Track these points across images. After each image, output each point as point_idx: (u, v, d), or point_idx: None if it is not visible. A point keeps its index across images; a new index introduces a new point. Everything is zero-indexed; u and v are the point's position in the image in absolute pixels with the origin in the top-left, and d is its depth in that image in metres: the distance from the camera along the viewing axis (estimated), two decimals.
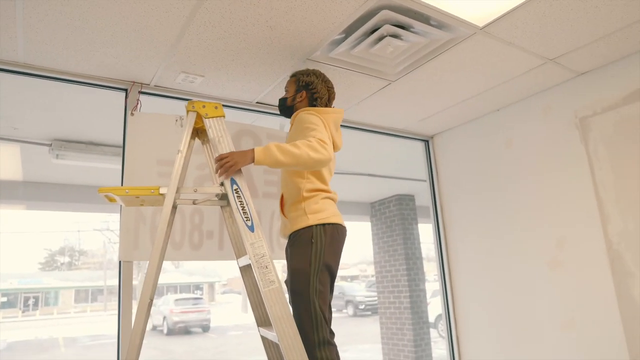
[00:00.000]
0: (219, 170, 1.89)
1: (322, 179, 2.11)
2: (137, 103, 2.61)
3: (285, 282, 2.03)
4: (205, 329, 15.67)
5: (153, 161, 2.51)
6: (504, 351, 3.28)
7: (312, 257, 1.93)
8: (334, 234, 2.01)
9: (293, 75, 2.28)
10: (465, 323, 3.60)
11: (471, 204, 3.62)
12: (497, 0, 2.11)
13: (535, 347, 3.08)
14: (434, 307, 10.86)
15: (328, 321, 2.00)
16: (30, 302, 26.33)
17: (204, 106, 1.99)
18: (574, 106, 2.95)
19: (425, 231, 7.42)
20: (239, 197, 1.87)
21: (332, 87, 2.28)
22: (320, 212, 2.02)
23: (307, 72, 2.24)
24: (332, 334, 2.02)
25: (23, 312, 25.44)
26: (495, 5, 2.15)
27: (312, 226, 1.99)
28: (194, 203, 2.09)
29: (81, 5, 1.95)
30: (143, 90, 2.71)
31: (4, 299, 25.71)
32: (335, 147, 2.17)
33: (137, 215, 2.43)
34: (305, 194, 2.05)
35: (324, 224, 1.99)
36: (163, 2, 1.96)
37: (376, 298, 14.94)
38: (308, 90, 2.21)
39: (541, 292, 3.07)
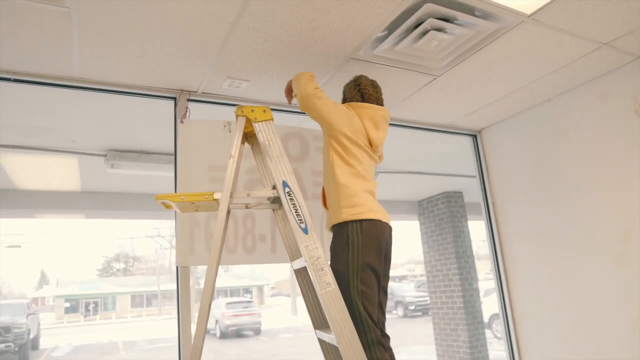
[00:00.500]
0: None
1: (351, 165, 2.06)
2: (186, 111, 2.68)
3: None
4: (257, 332, 15.89)
5: (204, 167, 2.56)
6: (568, 352, 3.13)
7: (350, 259, 1.90)
8: (371, 231, 1.94)
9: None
10: (524, 323, 3.48)
11: (525, 199, 3.50)
12: None
13: (602, 347, 2.92)
14: (487, 307, 10.56)
15: (378, 322, 1.95)
16: (91, 307, 27.55)
17: (252, 110, 2.01)
18: (633, 91, 2.79)
19: (474, 228, 7.24)
20: (291, 199, 1.87)
21: (366, 87, 2.26)
22: (355, 207, 1.97)
23: (360, 76, 2.33)
24: (386, 336, 1.97)
25: (85, 316, 26.66)
26: None
27: (347, 222, 1.95)
28: (246, 207, 2.12)
29: (131, 20, 2.03)
30: (191, 97, 2.79)
31: (67, 305, 27.02)
32: (373, 144, 2.14)
33: (191, 222, 2.49)
34: (340, 180, 2.03)
35: (360, 220, 1.95)
36: (208, 10, 2.01)
37: (426, 298, 14.66)
38: (345, 101, 2.30)
39: (606, 289, 2.91)
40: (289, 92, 2.35)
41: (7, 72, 2.36)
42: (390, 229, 2.08)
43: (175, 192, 2.65)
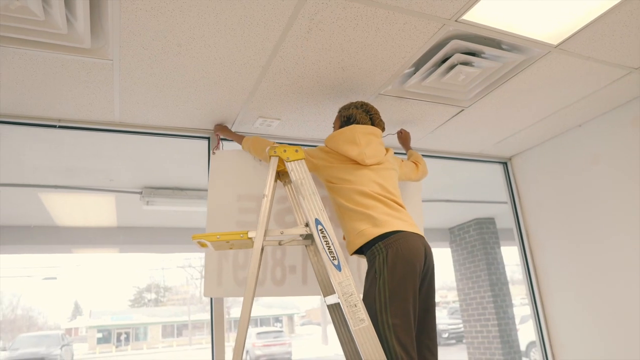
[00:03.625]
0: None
1: (342, 191, 2.08)
2: (219, 143, 2.70)
3: None
4: None
5: (234, 197, 2.57)
6: None
7: (377, 292, 1.85)
8: (398, 257, 1.86)
9: (338, 111, 2.34)
10: (563, 352, 3.37)
11: (559, 225, 3.43)
12: (571, 16, 2.04)
13: None
14: (524, 334, 10.18)
15: (424, 351, 1.89)
16: (123, 337, 27.72)
17: (285, 150, 2.06)
18: None
19: (508, 252, 7.10)
20: (324, 236, 1.89)
21: (375, 113, 2.30)
22: (362, 230, 1.97)
23: (348, 106, 2.30)
24: None
25: (117, 347, 26.84)
26: (570, 22, 2.08)
27: (374, 252, 1.91)
28: (279, 244, 2.15)
29: (168, 67, 2.13)
30: (223, 137, 2.87)
31: (100, 335, 27.28)
32: (359, 161, 2.10)
33: (219, 253, 2.50)
34: (340, 211, 2.07)
35: (379, 242, 1.90)
36: (241, 56, 2.09)
37: (460, 325, 14.22)
38: (349, 124, 2.23)
39: None
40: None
41: (53, 119, 2.50)
42: (420, 239, 1.97)
43: (207, 224, 2.71)
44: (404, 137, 2.88)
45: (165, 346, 26.98)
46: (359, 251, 2.04)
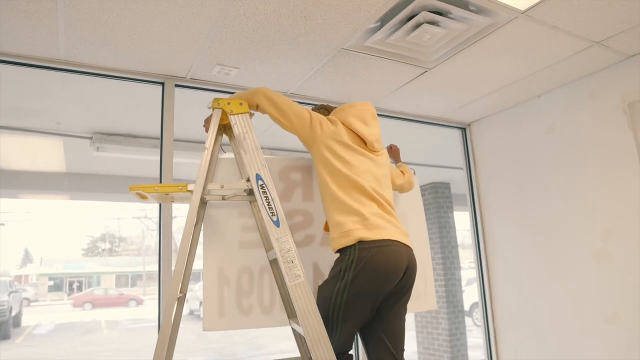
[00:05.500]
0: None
1: (338, 174, 1.86)
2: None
3: None
4: None
5: (236, 214, 2.29)
6: (544, 342, 3.20)
7: (334, 293, 1.75)
8: (365, 268, 1.72)
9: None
10: (503, 313, 3.54)
11: (511, 192, 3.53)
12: None
13: (576, 339, 2.99)
14: (469, 295, 10.69)
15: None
16: (75, 286, 27.39)
17: (229, 103, 1.96)
18: (622, 90, 2.81)
19: (459, 218, 7.30)
20: (264, 192, 1.84)
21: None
22: (344, 228, 1.80)
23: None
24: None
25: (69, 295, 26.53)
26: None
27: (348, 250, 1.78)
28: (223, 199, 2.10)
29: (119, 2, 1.97)
30: (179, 83, 2.74)
31: (51, 283, 26.82)
32: (367, 142, 1.96)
33: (221, 281, 2.20)
34: (328, 199, 1.87)
35: (358, 248, 1.75)
36: None
37: None
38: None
39: (584, 284, 2.97)
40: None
41: None
42: (405, 249, 1.83)
43: (161, 179, 2.62)
44: (394, 151, 2.68)
45: None
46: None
